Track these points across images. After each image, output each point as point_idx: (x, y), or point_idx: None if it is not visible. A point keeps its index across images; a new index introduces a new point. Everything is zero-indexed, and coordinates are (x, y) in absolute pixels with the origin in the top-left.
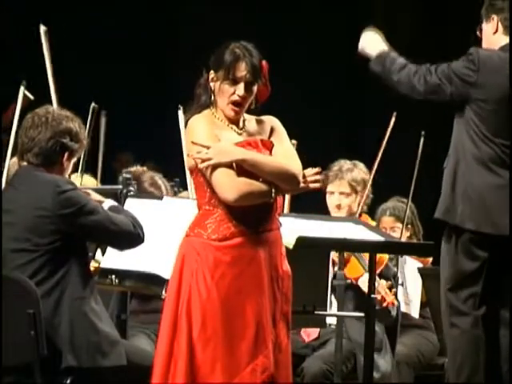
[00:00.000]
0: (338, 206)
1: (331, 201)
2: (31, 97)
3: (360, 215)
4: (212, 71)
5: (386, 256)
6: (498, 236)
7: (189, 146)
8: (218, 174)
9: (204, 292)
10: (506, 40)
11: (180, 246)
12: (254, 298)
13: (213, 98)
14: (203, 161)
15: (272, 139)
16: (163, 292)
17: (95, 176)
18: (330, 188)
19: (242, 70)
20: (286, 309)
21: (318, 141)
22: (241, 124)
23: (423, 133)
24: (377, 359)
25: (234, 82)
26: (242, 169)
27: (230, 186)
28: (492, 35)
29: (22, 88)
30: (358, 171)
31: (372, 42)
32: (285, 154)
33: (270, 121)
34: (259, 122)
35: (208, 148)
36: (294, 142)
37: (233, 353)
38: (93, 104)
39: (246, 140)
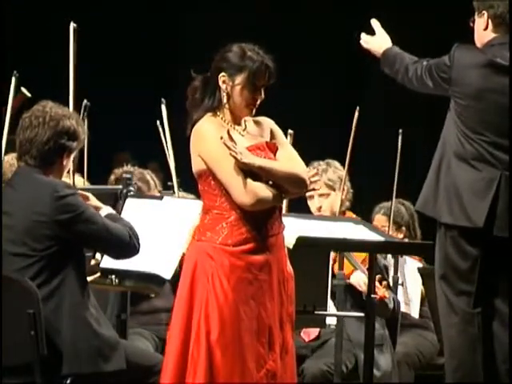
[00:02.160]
0: (319, 209)
1: (312, 204)
2: (28, 94)
3: (344, 213)
4: (224, 74)
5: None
6: (477, 230)
7: (198, 148)
8: (234, 178)
9: (221, 296)
10: (494, 37)
11: (190, 250)
12: (266, 302)
13: (224, 100)
14: (232, 151)
15: (274, 142)
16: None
17: (82, 174)
18: (308, 192)
19: (266, 77)
20: (290, 310)
21: (317, 141)
22: (242, 125)
23: (401, 131)
24: (378, 357)
25: (255, 86)
26: (253, 173)
27: (246, 190)
28: (482, 31)
29: (13, 79)
30: (333, 170)
31: (375, 39)
32: (290, 158)
33: (268, 123)
34: (257, 123)
35: (235, 143)
36: (290, 132)
37: (248, 357)
38: (85, 101)
39: (255, 144)
